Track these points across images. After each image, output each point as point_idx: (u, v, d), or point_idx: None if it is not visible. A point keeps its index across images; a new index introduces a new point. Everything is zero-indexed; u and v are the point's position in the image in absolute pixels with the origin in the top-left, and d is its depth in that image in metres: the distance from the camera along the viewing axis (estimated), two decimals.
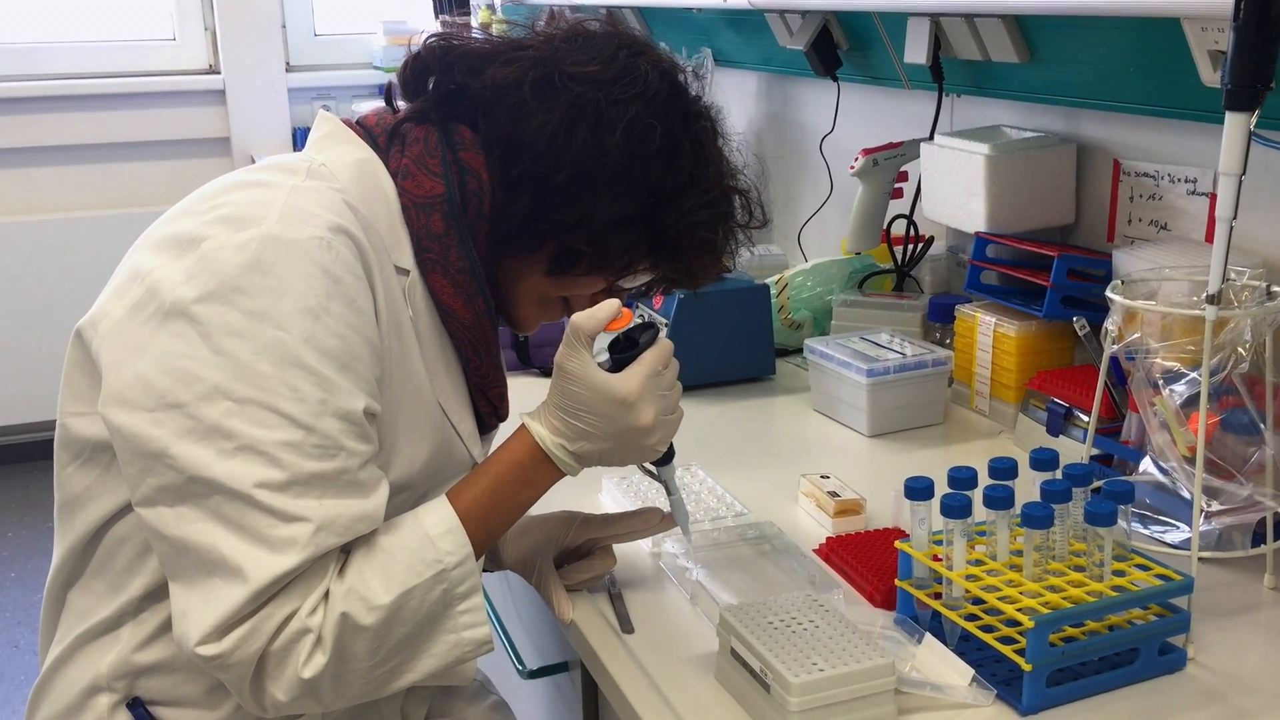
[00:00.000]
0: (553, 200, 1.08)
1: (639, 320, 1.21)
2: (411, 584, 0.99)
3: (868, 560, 1.25)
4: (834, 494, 1.38)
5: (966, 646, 1.09)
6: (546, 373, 1.92)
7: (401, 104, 1.14)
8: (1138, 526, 1.24)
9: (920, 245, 1.97)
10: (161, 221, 1.05)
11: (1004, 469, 1.13)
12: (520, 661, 1.39)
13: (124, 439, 0.95)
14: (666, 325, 1.82)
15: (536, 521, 1.26)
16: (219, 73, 4.11)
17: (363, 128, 1.12)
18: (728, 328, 1.84)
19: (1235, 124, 1.01)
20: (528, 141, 1.07)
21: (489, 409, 1.19)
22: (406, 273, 1.08)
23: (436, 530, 1.02)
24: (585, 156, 1.07)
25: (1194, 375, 1.18)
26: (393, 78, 1.15)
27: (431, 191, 1.08)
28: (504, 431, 1.32)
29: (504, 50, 1.10)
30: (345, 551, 1.00)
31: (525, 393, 1.87)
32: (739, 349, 1.86)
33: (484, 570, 1.34)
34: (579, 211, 1.08)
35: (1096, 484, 1.25)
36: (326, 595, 0.96)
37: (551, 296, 1.18)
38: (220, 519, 0.92)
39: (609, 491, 1.46)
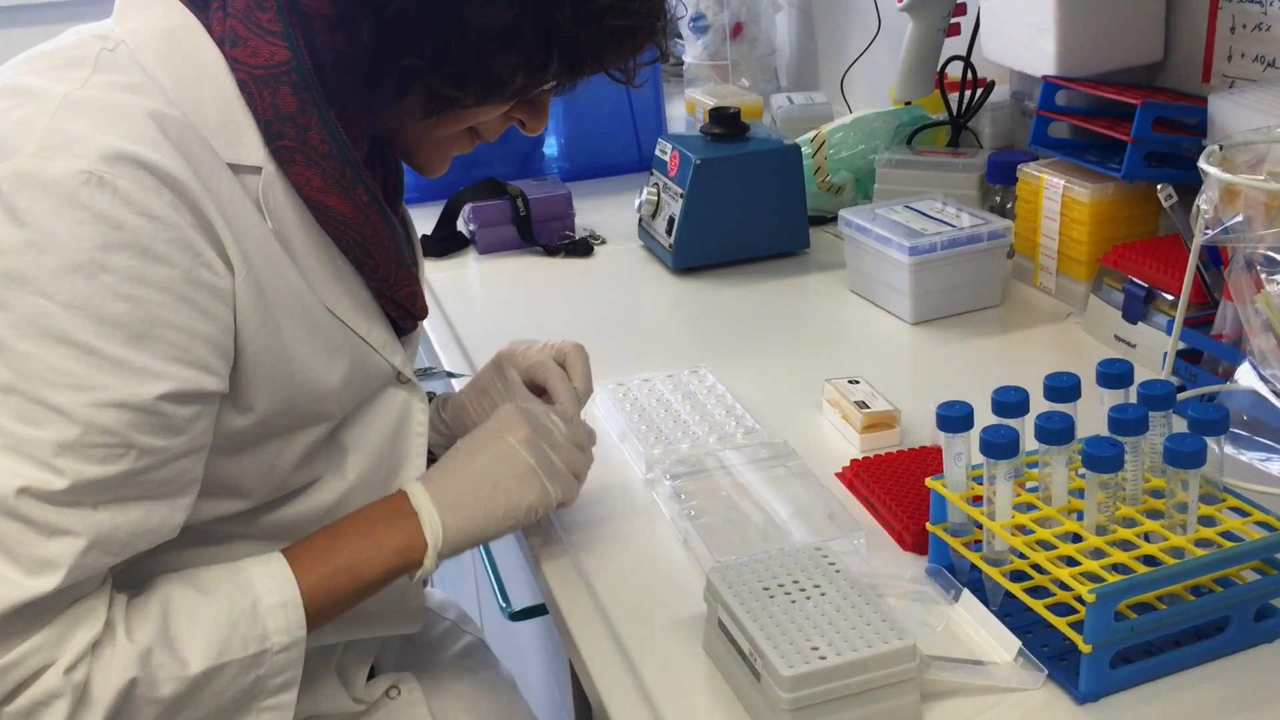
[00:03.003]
0: (399, 34, 0.83)
1: None
2: (225, 659, 0.81)
3: (898, 490, 1.04)
4: (862, 404, 1.16)
5: (1013, 605, 0.89)
6: (551, 251, 1.72)
7: None
8: (1233, 452, 1.01)
9: (980, 92, 1.69)
10: None
11: (1062, 389, 0.91)
12: (505, 599, 1.22)
13: None
14: (682, 196, 1.58)
15: (486, 378, 1.11)
16: None
17: None
18: (753, 196, 1.60)
19: None
20: None
21: (400, 312, 0.98)
22: (257, 171, 0.85)
23: (269, 601, 0.84)
24: None
25: None
26: None
27: (272, 59, 0.83)
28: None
29: None
30: (120, 594, 0.81)
31: (527, 274, 1.68)
32: (767, 221, 1.62)
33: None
34: (437, 44, 0.83)
35: (1182, 392, 1.02)
36: (94, 649, 0.77)
37: (448, 134, 0.94)
38: None
39: (601, 400, 1.25)
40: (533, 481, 0.95)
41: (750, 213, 1.60)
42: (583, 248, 1.71)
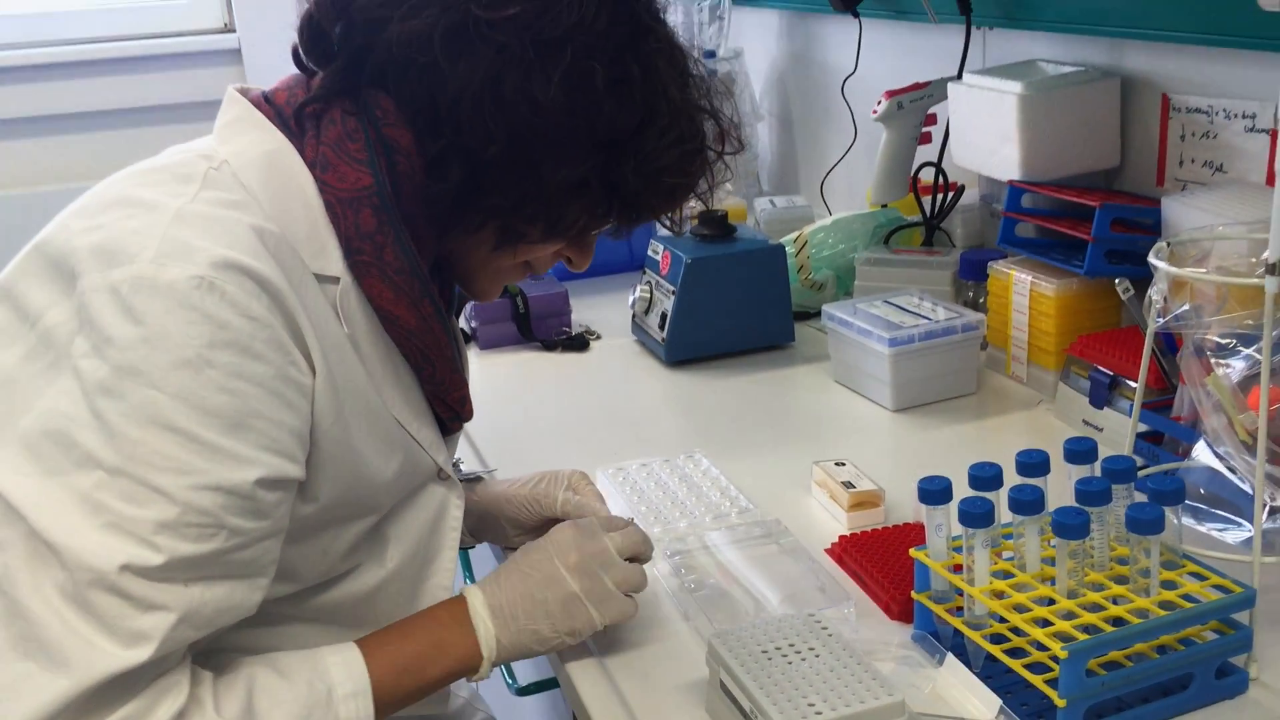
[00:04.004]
0: (486, 178, 0.93)
1: None
2: None
3: (884, 563, 1.12)
4: (849, 484, 1.24)
5: (994, 668, 0.96)
6: (549, 345, 1.80)
7: (313, 66, 0.99)
8: (1191, 523, 1.09)
9: (950, 195, 1.80)
10: (45, 231, 0.91)
11: (1033, 464, 0.99)
12: (511, 676, 1.28)
13: None
14: (674, 293, 1.67)
15: (549, 481, 1.19)
16: (234, 31, 3.99)
17: (274, 106, 0.96)
18: (741, 293, 1.69)
19: None
20: (447, 110, 0.91)
21: (449, 414, 1.06)
22: (335, 280, 0.94)
23: (342, 689, 0.92)
24: (517, 121, 0.91)
25: (1253, 350, 1.02)
26: (294, 38, 0.98)
27: (357, 183, 0.92)
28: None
29: None
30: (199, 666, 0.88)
31: (526, 368, 1.76)
32: (754, 315, 1.71)
33: (467, 546, 1.25)
34: (519, 189, 0.93)
35: (1144, 469, 1.10)
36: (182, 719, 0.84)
37: (507, 265, 1.04)
38: (69, 595, 0.80)
39: (602, 485, 1.33)
40: (578, 610, 1.01)
41: (739, 308, 1.70)
42: (579, 343, 1.80)
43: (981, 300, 1.64)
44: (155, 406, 0.80)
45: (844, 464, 1.28)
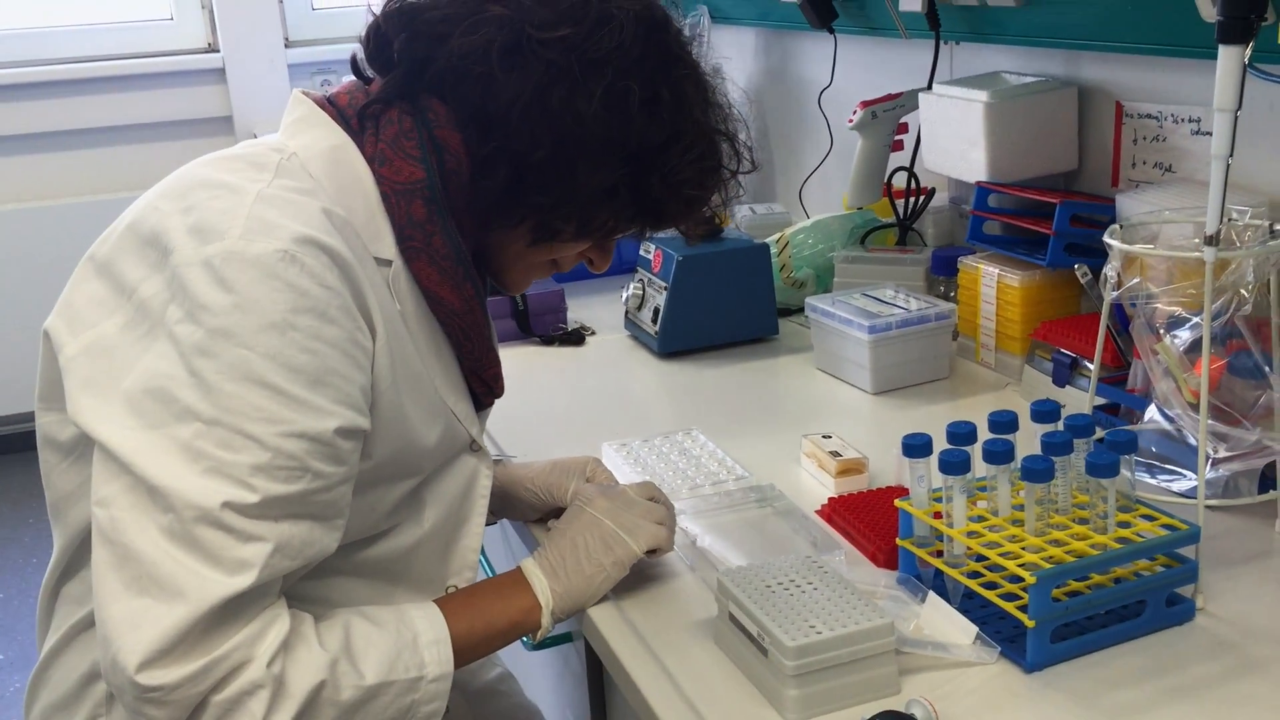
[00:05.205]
0: (530, 178, 1.04)
1: None
2: (392, 678, 0.98)
3: (870, 520, 1.23)
4: (836, 454, 1.35)
5: (970, 604, 1.07)
6: (547, 340, 1.91)
7: (372, 73, 1.10)
8: (1144, 476, 1.22)
9: (922, 197, 1.93)
10: (134, 212, 1.01)
11: (1003, 423, 1.11)
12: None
13: (99, 445, 0.93)
14: (666, 289, 1.79)
15: (560, 470, 1.27)
16: (218, 51, 4.09)
17: (336, 107, 1.07)
18: (728, 288, 1.82)
19: (1228, 57, 0.97)
20: (499, 116, 1.02)
21: (484, 389, 1.17)
22: (389, 263, 1.04)
23: (426, 637, 1.02)
24: (561, 129, 1.02)
25: (1196, 320, 1.15)
26: (357, 48, 1.10)
27: (411, 177, 1.04)
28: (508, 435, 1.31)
29: (468, 13, 1.03)
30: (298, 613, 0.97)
31: (527, 361, 1.87)
32: (740, 310, 1.83)
33: (488, 524, 1.35)
34: (558, 190, 1.05)
35: (1100, 434, 1.22)
36: (289, 650, 0.93)
37: (538, 261, 1.15)
38: (176, 535, 0.89)
39: (609, 457, 1.44)
40: (616, 542, 1.13)
41: (726, 302, 1.82)
42: (575, 337, 1.91)
43: (952, 294, 1.76)
44: (247, 364, 0.90)
45: (830, 436, 1.40)
